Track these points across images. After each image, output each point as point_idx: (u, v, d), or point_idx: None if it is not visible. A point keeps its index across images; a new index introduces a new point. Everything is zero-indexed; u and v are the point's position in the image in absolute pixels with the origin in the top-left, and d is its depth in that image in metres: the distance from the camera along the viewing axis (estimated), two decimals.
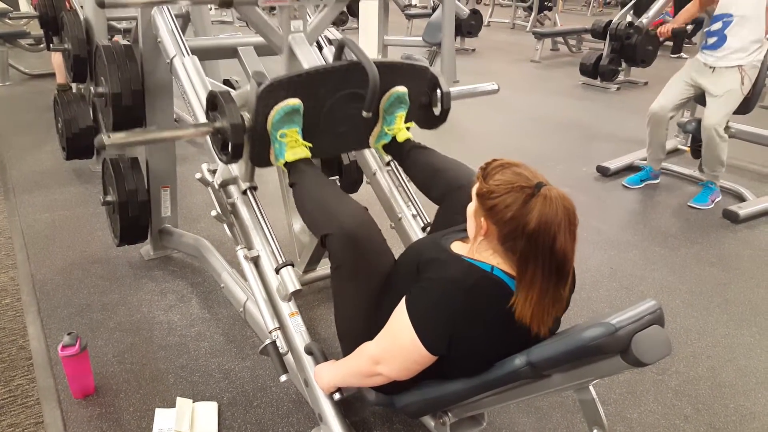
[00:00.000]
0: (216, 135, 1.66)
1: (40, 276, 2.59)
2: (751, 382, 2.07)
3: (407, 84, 1.80)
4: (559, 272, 1.20)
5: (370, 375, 1.39)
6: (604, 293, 2.61)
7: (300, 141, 1.67)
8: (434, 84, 1.96)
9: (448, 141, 4.77)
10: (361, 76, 1.62)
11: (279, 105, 1.60)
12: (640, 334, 1.05)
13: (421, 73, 1.86)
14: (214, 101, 1.64)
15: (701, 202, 3.46)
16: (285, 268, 1.63)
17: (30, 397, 1.90)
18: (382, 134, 1.87)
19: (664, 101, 3.51)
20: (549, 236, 1.16)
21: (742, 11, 3.24)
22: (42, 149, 4.13)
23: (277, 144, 1.66)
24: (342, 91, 1.70)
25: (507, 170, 1.23)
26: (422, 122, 2.06)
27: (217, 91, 1.63)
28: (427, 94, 1.98)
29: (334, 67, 1.66)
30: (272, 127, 1.63)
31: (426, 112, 2.03)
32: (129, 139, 1.68)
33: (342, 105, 1.73)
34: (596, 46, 7.13)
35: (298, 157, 1.67)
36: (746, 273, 2.80)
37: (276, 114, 1.60)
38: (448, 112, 1.99)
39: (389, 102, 1.79)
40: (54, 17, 3.33)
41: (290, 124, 1.63)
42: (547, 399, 1.94)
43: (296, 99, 1.62)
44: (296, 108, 1.62)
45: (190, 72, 2.00)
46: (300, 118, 1.65)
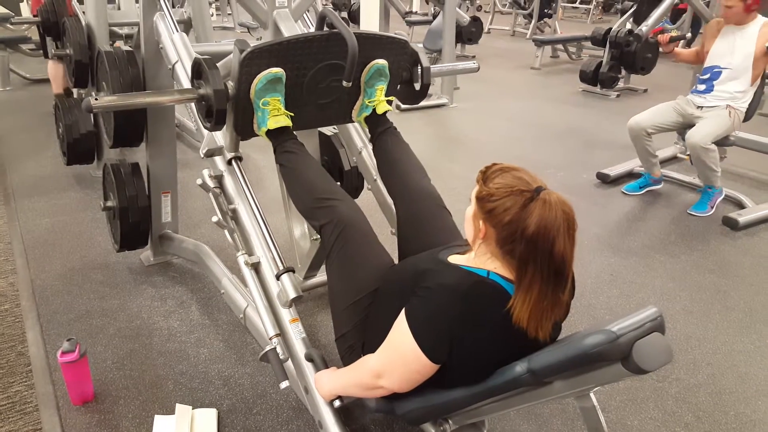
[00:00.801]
0: (200, 102, 1.71)
1: (40, 281, 2.59)
2: (752, 390, 2.07)
3: (387, 57, 1.86)
4: (558, 276, 1.20)
5: (371, 388, 1.39)
6: (604, 300, 2.61)
7: (282, 110, 1.72)
8: (415, 59, 2.05)
9: (449, 147, 4.79)
10: (341, 47, 1.66)
11: (262, 73, 1.65)
12: (641, 342, 1.04)
13: (401, 47, 1.90)
14: (199, 69, 1.68)
15: (700, 210, 3.47)
16: (285, 275, 1.63)
17: (29, 403, 1.89)
18: (364, 107, 1.92)
19: (641, 119, 3.57)
20: (548, 240, 1.16)
21: (731, 65, 3.41)
22: (42, 154, 4.13)
23: (260, 112, 1.71)
24: (323, 61, 1.75)
25: (507, 174, 1.24)
26: (404, 97, 2.15)
27: (201, 58, 1.68)
28: (408, 69, 2.06)
29: (314, 36, 1.70)
30: (255, 95, 1.68)
31: (407, 88, 2.11)
32: (116, 102, 1.74)
33: (324, 76, 1.78)
34: (596, 54, 7.15)
35: (280, 125, 1.73)
36: (746, 280, 2.80)
37: (259, 82, 1.65)
38: (428, 87, 2.09)
39: (369, 74, 1.85)
40: (56, 23, 3.35)
41: (273, 93, 1.69)
42: (548, 406, 1.93)
43: (279, 68, 1.66)
44: (278, 76, 1.67)
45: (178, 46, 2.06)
46: (282, 87, 1.70)
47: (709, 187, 3.48)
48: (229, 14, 9.50)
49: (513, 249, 1.21)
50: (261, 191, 1.81)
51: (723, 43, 3.46)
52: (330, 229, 1.59)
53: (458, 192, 2.95)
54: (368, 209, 2.24)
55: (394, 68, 1.90)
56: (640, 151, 3.67)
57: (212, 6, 9.90)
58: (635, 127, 3.57)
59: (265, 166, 3.87)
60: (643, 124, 3.55)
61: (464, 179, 3.74)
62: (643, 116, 3.59)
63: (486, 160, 1.36)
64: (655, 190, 3.84)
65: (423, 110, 5.69)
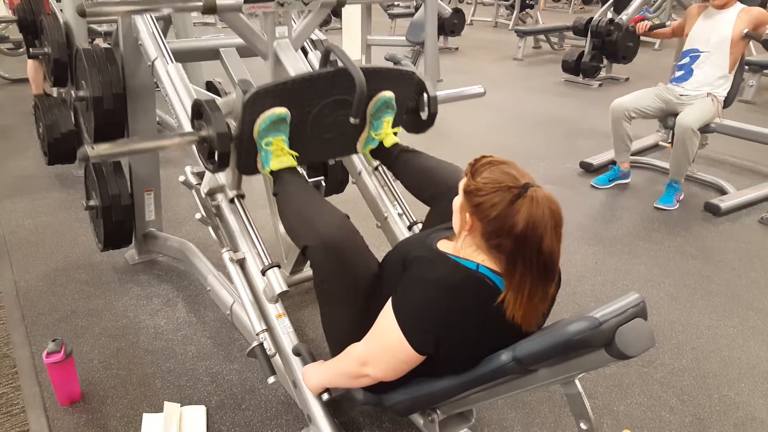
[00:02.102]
0: (202, 144, 1.64)
1: (24, 283, 2.56)
2: (735, 373, 2.10)
3: (394, 89, 1.79)
4: (547, 272, 1.22)
5: (357, 376, 1.40)
6: (589, 287, 2.63)
7: (286, 150, 1.66)
8: (421, 88, 1.96)
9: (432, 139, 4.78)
10: (347, 82, 1.61)
11: (265, 113, 1.58)
12: (623, 327, 1.06)
13: (408, 78, 1.85)
14: (200, 110, 1.62)
15: (667, 203, 3.44)
16: (271, 270, 1.62)
17: (15, 405, 1.88)
18: (369, 139, 1.86)
19: (625, 100, 3.60)
20: (536, 237, 1.17)
21: (708, 47, 3.44)
22: (23, 154, 4.08)
23: (263, 152, 1.64)
24: (328, 97, 1.69)
25: (495, 168, 1.24)
26: (410, 127, 2.06)
27: (202, 99, 1.62)
28: (413, 98, 1.98)
29: (320, 74, 1.65)
30: (258, 136, 1.61)
31: (413, 117, 2.03)
32: (113, 150, 1.64)
33: (329, 112, 1.72)
34: (578, 44, 7.19)
35: (284, 166, 1.66)
36: (728, 265, 2.84)
37: (262, 123, 1.59)
38: (435, 116, 1.99)
39: (376, 107, 1.78)
40: (33, 21, 3.29)
41: (276, 133, 1.62)
42: (535, 394, 1.95)
43: (282, 108, 1.60)
44: (282, 117, 1.61)
45: (174, 79, 1.99)
46: (286, 126, 1.64)
47: (675, 182, 3.47)
48: None
49: (500, 244, 1.22)
50: (245, 187, 1.80)
51: (701, 27, 3.50)
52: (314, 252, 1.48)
53: None
54: (353, 203, 2.24)
55: (400, 99, 1.84)
56: (617, 134, 3.67)
57: None
58: (618, 109, 3.59)
59: None
60: (626, 105, 3.57)
61: None
62: (626, 98, 3.62)
63: (469, 151, 1.37)
64: (624, 183, 3.83)
65: None
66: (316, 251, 1.46)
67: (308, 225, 1.50)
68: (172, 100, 1.98)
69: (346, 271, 1.47)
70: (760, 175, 3.98)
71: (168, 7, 1.83)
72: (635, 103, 3.57)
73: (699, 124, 3.30)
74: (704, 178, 3.80)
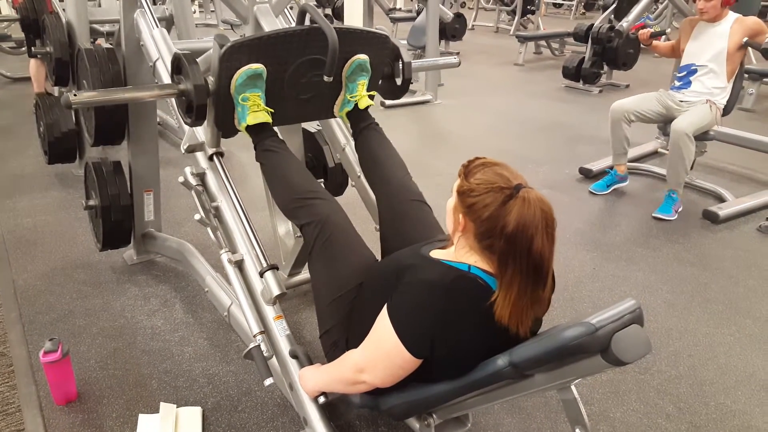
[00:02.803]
0: (181, 97, 1.70)
1: (22, 282, 2.56)
2: (731, 380, 2.10)
3: (368, 52, 1.86)
4: (537, 274, 1.22)
5: (354, 383, 1.40)
6: (586, 293, 2.64)
7: (262, 105, 1.72)
8: (396, 54, 2.06)
9: (433, 143, 4.80)
10: (322, 41, 1.66)
11: (242, 69, 1.64)
12: (619, 334, 1.06)
13: (382, 42, 1.91)
14: (179, 64, 1.68)
15: (666, 213, 3.41)
16: (269, 272, 1.63)
17: (11, 404, 1.87)
18: (345, 102, 1.92)
19: (625, 102, 3.61)
20: (527, 238, 1.18)
21: (705, 62, 3.46)
22: (24, 153, 4.08)
23: (240, 107, 1.71)
24: (304, 56, 1.74)
25: (488, 169, 1.25)
26: (385, 93, 2.15)
27: (181, 53, 1.67)
28: (389, 64, 2.07)
29: (294, 31, 1.69)
30: (235, 91, 1.67)
31: (388, 83, 2.12)
32: (95, 97, 1.74)
33: (305, 71, 1.78)
34: (578, 50, 7.21)
35: (260, 121, 1.72)
36: (726, 273, 2.85)
37: (239, 78, 1.65)
38: (409, 82, 2.09)
39: (351, 69, 1.85)
40: (35, 20, 3.30)
41: (253, 88, 1.68)
42: (532, 399, 1.95)
43: (259, 64, 1.66)
44: (258, 72, 1.66)
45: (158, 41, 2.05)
46: (263, 82, 1.70)
47: (673, 192, 3.44)
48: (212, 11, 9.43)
49: (492, 245, 1.23)
50: (245, 188, 1.81)
51: (697, 42, 3.51)
52: (311, 228, 1.60)
53: (442, 187, 2.94)
54: (353, 206, 2.24)
55: (375, 63, 1.90)
56: (616, 137, 3.68)
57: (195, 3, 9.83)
58: (618, 110, 3.60)
59: (249, 163, 3.83)
60: (626, 107, 3.57)
61: (448, 175, 3.73)
62: (627, 101, 3.62)
63: (469, 155, 1.37)
64: (622, 186, 3.83)
65: (407, 107, 5.70)
66: (314, 228, 1.58)
67: (305, 207, 1.62)
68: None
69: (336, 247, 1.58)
70: (759, 183, 3.98)
71: None
72: (636, 106, 3.57)
73: (693, 129, 3.29)
74: (703, 185, 3.80)
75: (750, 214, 3.49)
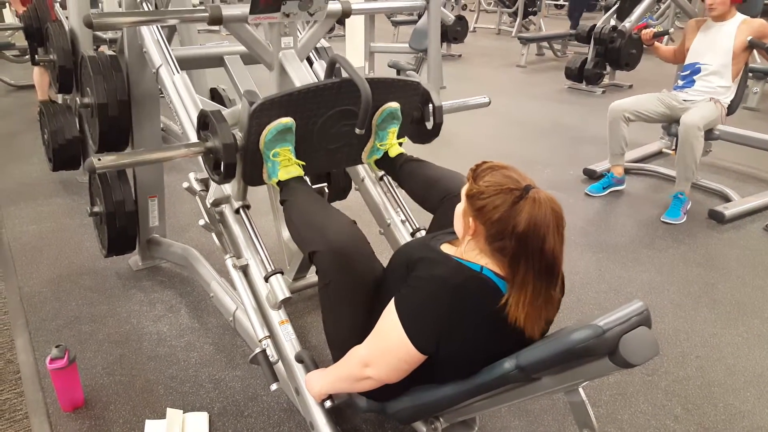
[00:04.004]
0: (208, 155, 1.65)
1: (28, 289, 2.57)
2: (740, 381, 2.09)
3: (399, 99, 1.80)
4: (550, 273, 1.22)
5: (359, 379, 1.39)
6: (593, 295, 2.63)
7: (293, 159, 1.67)
8: (426, 98, 1.98)
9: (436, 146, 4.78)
10: (353, 92, 1.63)
11: (271, 124, 1.59)
12: (627, 336, 1.05)
13: (413, 89, 1.86)
14: (206, 121, 1.63)
15: (674, 217, 3.37)
16: (274, 276, 1.63)
17: (18, 411, 1.88)
18: (375, 149, 1.87)
19: (623, 102, 3.61)
20: (539, 238, 1.18)
21: (709, 62, 3.46)
22: (28, 160, 4.10)
23: (270, 163, 1.65)
24: (334, 108, 1.70)
25: (496, 172, 1.25)
26: (415, 137, 2.08)
27: (208, 110, 1.62)
28: (419, 108, 1.99)
29: (326, 85, 1.65)
30: (265, 147, 1.62)
31: (418, 127, 2.04)
32: (119, 161, 1.66)
33: (334, 122, 1.73)
34: (581, 51, 7.20)
35: (292, 176, 1.67)
36: (733, 273, 2.83)
37: (268, 133, 1.60)
38: (440, 126, 2.01)
39: (381, 117, 1.80)
40: (39, 28, 3.32)
41: (283, 143, 1.63)
42: (539, 402, 1.94)
43: (288, 118, 1.61)
44: (288, 126, 1.62)
45: (179, 89, 2.00)
46: (292, 136, 1.65)
47: (681, 193, 3.42)
48: None
49: (503, 246, 1.22)
50: (249, 193, 1.81)
51: (702, 41, 3.50)
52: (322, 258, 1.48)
53: None
54: (356, 210, 2.24)
55: (405, 109, 1.85)
56: (614, 136, 3.67)
57: None
58: (616, 110, 3.60)
59: None
60: (624, 107, 3.58)
61: None
62: (625, 101, 3.63)
63: (473, 157, 1.37)
64: (619, 190, 3.81)
65: None
66: (324, 257, 1.46)
67: (317, 231, 1.51)
68: (177, 109, 1.98)
69: (352, 276, 1.48)
70: (765, 183, 3.97)
71: (174, 18, 1.84)
72: (634, 106, 3.57)
73: (704, 123, 3.28)
74: (708, 185, 3.79)
75: (756, 214, 3.47)
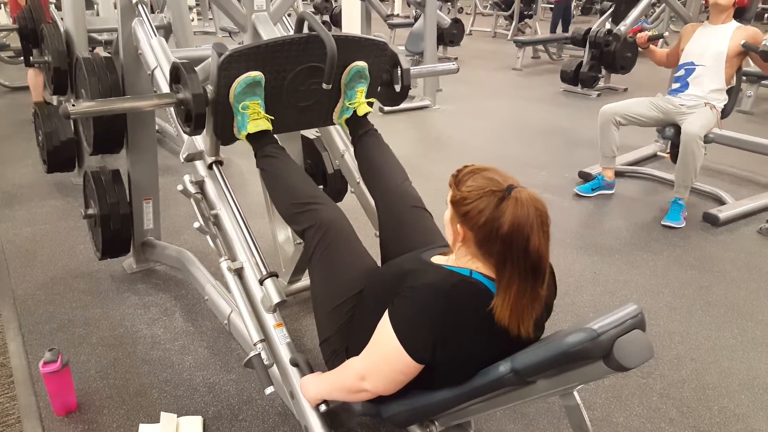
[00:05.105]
0: (180, 107, 1.70)
1: (21, 291, 2.55)
2: (734, 384, 2.09)
3: (367, 59, 1.86)
4: (535, 272, 1.22)
5: (356, 391, 1.39)
6: (588, 298, 2.63)
7: (262, 113, 1.72)
8: (394, 61, 2.07)
9: (432, 149, 4.80)
10: (320, 49, 1.66)
11: (240, 77, 1.64)
12: (621, 339, 1.05)
13: (381, 49, 1.91)
14: (177, 73, 1.67)
15: (675, 221, 3.36)
16: (269, 279, 1.62)
17: (11, 415, 1.86)
18: (344, 109, 1.92)
19: (614, 105, 3.64)
20: (523, 237, 1.18)
21: (704, 61, 3.48)
22: (22, 162, 4.08)
23: (240, 116, 1.70)
24: (302, 64, 1.74)
25: (478, 176, 1.26)
26: (384, 99, 2.16)
27: (179, 62, 1.67)
28: (387, 71, 2.07)
29: (293, 39, 1.69)
30: (234, 99, 1.67)
31: (387, 90, 2.12)
32: (94, 107, 1.74)
33: (303, 79, 1.78)
34: (576, 54, 7.21)
35: (260, 129, 1.72)
36: (727, 275, 2.84)
37: (237, 86, 1.65)
38: (408, 89, 2.10)
39: (349, 76, 1.85)
40: (33, 29, 3.31)
41: (252, 96, 1.68)
42: (534, 405, 1.94)
43: (257, 71, 1.66)
44: (257, 80, 1.66)
45: None
46: (262, 90, 1.70)
47: (679, 199, 3.42)
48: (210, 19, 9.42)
49: (490, 248, 1.23)
50: (244, 196, 1.81)
51: (697, 42, 3.53)
52: (312, 233, 1.59)
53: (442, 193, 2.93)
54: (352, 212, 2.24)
55: (373, 70, 1.90)
56: (604, 140, 3.68)
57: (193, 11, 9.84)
58: (606, 113, 3.63)
59: (248, 170, 3.85)
60: (615, 110, 3.60)
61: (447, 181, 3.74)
62: (616, 104, 3.65)
63: (469, 160, 1.37)
64: (608, 194, 3.81)
65: (406, 112, 5.70)
66: (315, 233, 1.57)
67: (306, 212, 1.61)
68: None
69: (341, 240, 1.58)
70: (759, 186, 3.98)
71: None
72: (624, 110, 3.59)
73: (704, 131, 3.31)
74: (703, 188, 3.80)
75: (750, 217, 3.49)
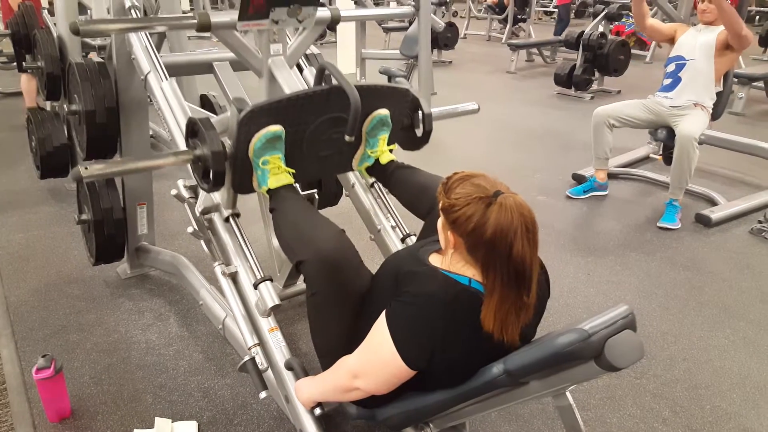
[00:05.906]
0: (197, 162, 1.63)
1: (14, 298, 2.55)
2: (726, 383, 2.11)
3: (389, 106, 1.80)
4: (519, 279, 1.21)
5: (348, 389, 1.39)
6: (581, 299, 2.64)
7: (283, 167, 1.65)
8: (415, 105, 1.99)
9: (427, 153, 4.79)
10: (342, 99, 1.62)
11: (260, 132, 1.58)
12: (612, 339, 1.06)
13: (402, 95, 1.86)
14: (194, 128, 1.62)
15: (670, 222, 3.39)
16: (263, 283, 1.62)
17: (4, 422, 1.86)
18: (365, 157, 1.87)
19: (608, 108, 3.67)
20: (506, 243, 1.17)
21: (694, 55, 3.50)
22: (15, 168, 4.07)
23: (260, 171, 1.63)
24: (324, 115, 1.69)
25: (466, 182, 1.25)
26: (405, 143, 2.09)
27: (196, 117, 1.61)
28: (408, 115, 2.00)
29: (315, 92, 1.64)
30: (254, 154, 1.61)
31: (408, 134, 2.05)
32: (107, 170, 1.65)
33: (324, 129, 1.72)
34: (570, 57, 7.24)
35: (282, 184, 1.65)
36: (719, 276, 2.86)
37: (258, 141, 1.58)
38: (430, 133, 2.02)
39: (372, 125, 1.79)
40: (26, 35, 3.30)
41: (272, 151, 1.62)
42: (529, 406, 1.95)
43: (278, 125, 1.60)
44: (278, 134, 1.60)
45: (168, 96, 1.99)
46: (282, 144, 1.63)
47: (674, 200, 3.44)
48: None
49: (477, 255, 1.23)
50: (239, 200, 1.80)
51: (688, 36, 3.58)
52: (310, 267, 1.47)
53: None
54: (347, 216, 2.24)
55: (395, 116, 1.84)
56: (598, 142, 3.71)
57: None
58: (600, 115, 3.66)
59: None
60: (608, 112, 3.63)
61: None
62: (609, 106, 3.68)
63: (463, 164, 1.38)
64: (601, 195, 3.83)
65: None
66: (312, 266, 1.45)
67: (305, 240, 1.50)
68: (166, 116, 1.97)
69: (340, 285, 1.47)
70: (750, 186, 4.01)
71: (162, 25, 1.83)
72: (617, 112, 3.62)
73: (699, 133, 3.33)
74: (695, 189, 3.82)
75: (742, 217, 3.52)
